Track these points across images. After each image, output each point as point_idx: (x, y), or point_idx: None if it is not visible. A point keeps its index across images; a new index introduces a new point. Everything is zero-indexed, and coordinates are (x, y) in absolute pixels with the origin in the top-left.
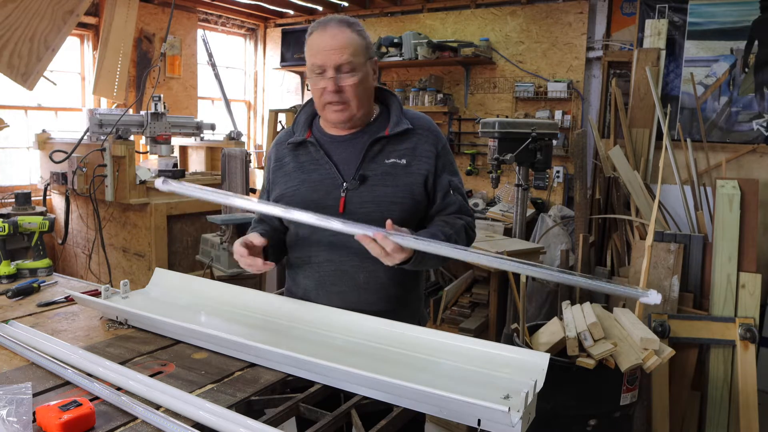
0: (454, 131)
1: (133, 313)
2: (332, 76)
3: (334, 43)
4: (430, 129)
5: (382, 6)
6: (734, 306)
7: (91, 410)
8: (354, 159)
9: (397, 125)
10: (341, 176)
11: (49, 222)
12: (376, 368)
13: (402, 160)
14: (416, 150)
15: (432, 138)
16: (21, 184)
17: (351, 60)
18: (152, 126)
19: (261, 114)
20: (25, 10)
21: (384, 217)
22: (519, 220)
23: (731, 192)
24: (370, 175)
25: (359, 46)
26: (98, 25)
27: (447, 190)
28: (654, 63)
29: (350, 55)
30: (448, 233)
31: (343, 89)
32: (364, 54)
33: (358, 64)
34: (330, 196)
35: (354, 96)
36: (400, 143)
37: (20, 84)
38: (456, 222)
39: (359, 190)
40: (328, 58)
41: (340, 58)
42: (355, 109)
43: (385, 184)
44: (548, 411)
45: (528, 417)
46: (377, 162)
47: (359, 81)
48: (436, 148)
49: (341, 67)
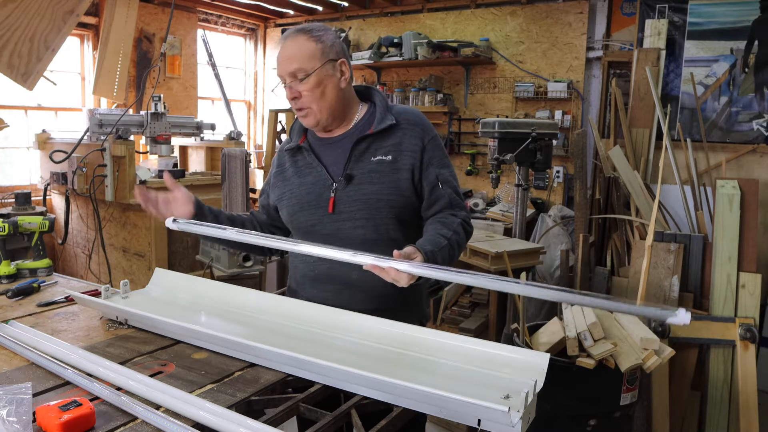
0: (454, 131)
1: (133, 313)
2: (288, 85)
3: (285, 53)
4: (416, 123)
5: (382, 6)
6: (734, 306)
7: (91, 410)
8: (341, 159)
9: (381, 122)
10: (330, 177)
11: (49, 222)
12: (376, 368)
13: (388, 157)
14: (402, 145)
15: (418, 131)
16: (21, 184)
17: (301, 67)
18: (152, 126)
19: (261, 114)
20: (25, 10)
21: (373, 215)
22: (519, 220)
23: (731, 192)
24: (357, 174)
25: (311, 51)
26: (98, 25)
27: (435, 183)
28: (654, 63)
29: (299, 63)
30: (448, 235)
31: (300, 95)
32: (318, 58)
33: (311, 69)
34: (321, 198)
35: (312, 101)
36: (385, 140)
37: (20, 84)
38: (452, 221)
39: (347, 190)
40: (282, 68)
41: (290, 67)
42: (318, 113)
43: (372, 182)
44: (548, 411)
45: (528, 417)
46: (363, 160)
47: (313, 86)
48: (422, 142)
49: (294, 74)
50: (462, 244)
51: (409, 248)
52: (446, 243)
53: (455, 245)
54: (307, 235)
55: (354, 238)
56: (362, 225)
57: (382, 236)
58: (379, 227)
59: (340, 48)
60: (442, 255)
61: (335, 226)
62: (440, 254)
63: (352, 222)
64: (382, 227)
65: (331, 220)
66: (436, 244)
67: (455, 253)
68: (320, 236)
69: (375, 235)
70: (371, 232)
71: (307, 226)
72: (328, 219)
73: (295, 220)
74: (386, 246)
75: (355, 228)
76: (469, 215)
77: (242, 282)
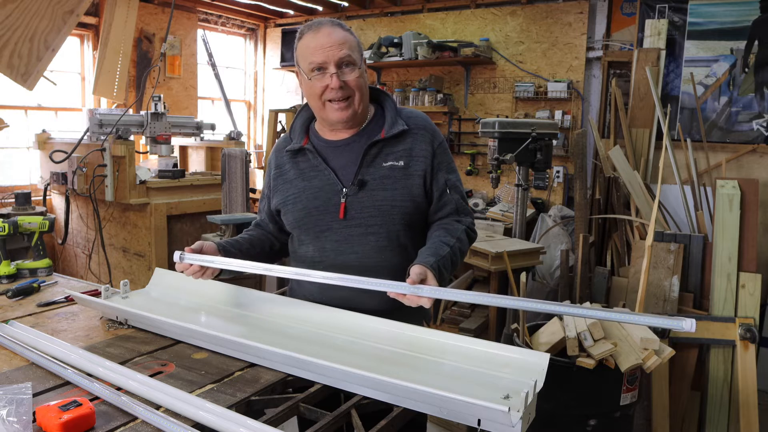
0: (454, 131)
1: (133, 313)
2: (335, 72)
3: (331, 40)
4: (425, 128)
5: (382, 6)
6: (734, 306)
7: (91, 410)
8: (352, 164)
9: (392, 127)
10: (340, 182)
11: (49, 222)
12: (376, 368)
13: (399, 162)
14: (413, 150)
15: (428, 137)
16: (21, 184)
17: (350, 54)
18: (152, 126)
19: (261, 114)
20: (25, 10)
21: (385, 221)
22: (519, 220)
23: (731, 192)
24: (369, 179)
25: (354, 43)
26: (98, 25)
27: (444, 189)
28: (654, 63)
29: (349, 50)
30: (451, 243)
31: (347, 84)
32: (359, 51)
33: (358, 59)
34: (331, 203)
35: (357, 89)
36: (396, 145)
37: (20, 84)
38: (456, 227)
39: (358, 196)
40: (329, 54)
41: (340, 53)
42: (356, 105)
43: (384, 188)
44: (548, 411)
45: (528, 417)
46: (375, 166)
47: (359, 75)
48: (432, 147)
49: (342, 61)
50: (465, 250)
51: (417, 269)
52: (448, 251)
53: (457, 252)
54: (316, 240)
55: (365, 244)
56: (374, 232)
57: (392, 243)
58: (390, 234)
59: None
60: (444, 263)
61: (346, 233)
62: (443, 263)
63: (363, 228)
64: (393, 234)
65: (342, 226)
66: (439, 255)
67: (458, 260)
68: (331, 242)
69: (386, 242)
70: (383, 238)
71: (316, 231)
72: (338, 225)
73: (303, 225)
74: (395, 252)
75: (367, 234)
76: (474, 221)
77: (242, 282)
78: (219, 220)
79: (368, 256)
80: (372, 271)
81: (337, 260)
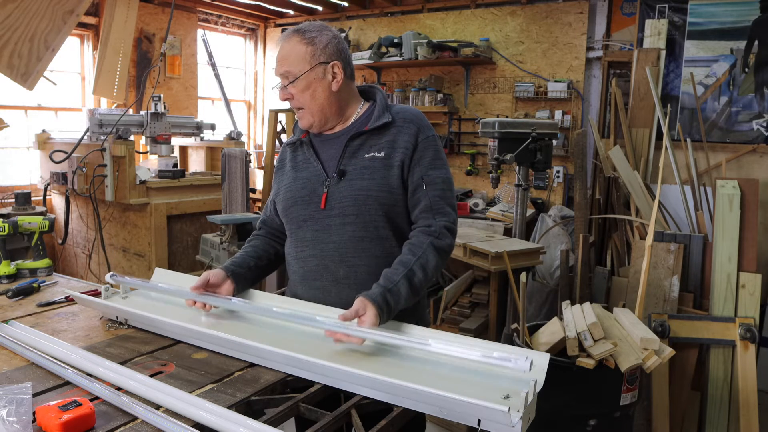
0: (454, 131)
1: (133, 313)
2: (282, 86)
3: (278, 55)
4: (412, 121)
5: (382, 6)
6: (734, 306)
7: (91, 410)
8: (337, 155)
9: (377, 120)
10: (325, 173)
11: (49, 222)
12: (376, 368)
13: (381, 153)
14: (396, 142)
15: (413, 129)
16: (21, 184)
17: (290, 70)
18: (152, 126)
19: (261, 114)
20: (25, 10)
21: (361, 210)
22: (519, 220)
23: (731, 192)
24: (350, 169)
25: (301, 54)
26: (98, 25)
27: (418, 184)
28: (654, 63)
29: (289, 65)
30: (410, 263)
31: (292, 97)
32: (308, 61)
33: (299, 72)
34: (315, 193)
35: (302, 102)
36: (380, 137)
37: (20, 84)
38: (420, 242)
39: (339, 186)
40: (276, 70)
41: (280, 69)
42: (310, 115)
43: (363, 178)
44: (548, 411)
45: (528, 417)
46: (357, 157)
47: (302, 89)
48: (415, 139)
49: (285, 76)
50: (432, 265)
51: (357, 303)
52: (403, 274)
53: (418, 272)
54: (299, 230)
55: (342, 234)
56: (351, 221)
57: (370, 234)
58: (368, 224)
59: (335, 49)
60: (396, 290)
61: (326, 222)
62: (395, 290)
63: (341, 218)
64: (371, 224)
65: (323, 215)
66: (392, 282)
67: (421, 279)
68: (311, 232)
69: (363, 233)
70: (360, 229)
71: (299, 221)
72: (319, 215)
73: (289, 214)
74: (374, 244)
75: (345, 224)
76: (452, 221)
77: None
78: (219, 220)
79: (345, 246)
80: (351, 262)
81: (315, 249)
